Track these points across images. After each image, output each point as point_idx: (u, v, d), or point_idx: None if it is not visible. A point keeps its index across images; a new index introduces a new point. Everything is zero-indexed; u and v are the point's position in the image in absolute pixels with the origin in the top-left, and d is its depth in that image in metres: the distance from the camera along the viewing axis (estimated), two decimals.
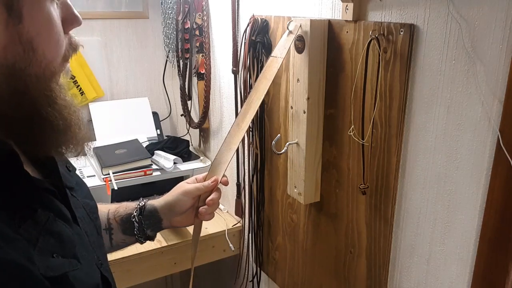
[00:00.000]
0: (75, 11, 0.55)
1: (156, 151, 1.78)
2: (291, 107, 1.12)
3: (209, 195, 0.85)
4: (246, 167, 1.53)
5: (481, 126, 0.78)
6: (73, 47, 0.56)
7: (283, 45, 1.03)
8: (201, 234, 0.94)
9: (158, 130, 2.07)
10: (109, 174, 1.57)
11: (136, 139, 1.82)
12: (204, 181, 0.87)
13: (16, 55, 0.47)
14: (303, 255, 1.32)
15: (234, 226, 1.68)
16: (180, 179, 1.67)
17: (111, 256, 0.80)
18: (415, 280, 0.98)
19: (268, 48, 1.27)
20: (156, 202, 0.87)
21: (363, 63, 0.95)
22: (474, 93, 0.78)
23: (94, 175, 1.62)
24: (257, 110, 1.36)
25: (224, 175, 0.87)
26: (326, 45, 1.04)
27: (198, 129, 1.96)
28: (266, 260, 1.54)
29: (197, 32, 1.74)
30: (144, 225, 0.85)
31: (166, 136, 2.07)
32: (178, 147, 1.85)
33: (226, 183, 0.88)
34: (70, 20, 0.54)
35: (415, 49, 0.86)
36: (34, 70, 0.49)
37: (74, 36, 0.56)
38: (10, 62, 0.47)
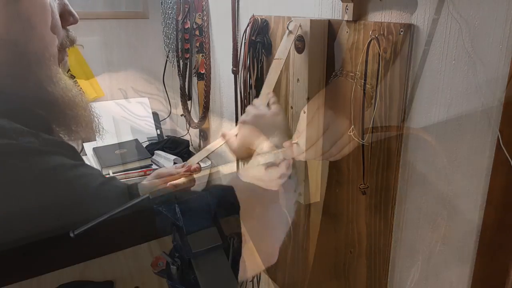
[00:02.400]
0: (72, 9, 0.58)
1: (156, 151, 1.78)
2: (291, 107, 1.12)
3: None
4: None
5: (481, 126, 0.78)
6: (70, 39, 0.59)
7: (284, 46, 1.03)
8: None
9: (158, 130, 2.07)
10: (109, 174, 1.57)
11: (136, 139, 1.82)
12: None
13: (16, 31, 0.51)
14: (303, 255, 1.32)
15: None
16: None
17: None
18: (415, 280, 0.98)
19: (268, 48, 1.27)
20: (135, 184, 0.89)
21: (363, 63, 0.95)
22: (474, 93, 0.78)
23: None
24: None
25: (198, 163, 0.89)
26: (326, 45, 1.04)
27: (198, 129, 1.96)
28: None
29: (197, 32, 1.74)
30: None
31: (166, 136, 2.07)
32: (178, 147, 1.85)
33: (195, 170, 0.88)
34: (66, 16, 0.57)
35: (415, 49, 0.86)
36: (34, 48, 0.53)
37: (72, 31, 0.59)
38: (12, 38, 0.51)
